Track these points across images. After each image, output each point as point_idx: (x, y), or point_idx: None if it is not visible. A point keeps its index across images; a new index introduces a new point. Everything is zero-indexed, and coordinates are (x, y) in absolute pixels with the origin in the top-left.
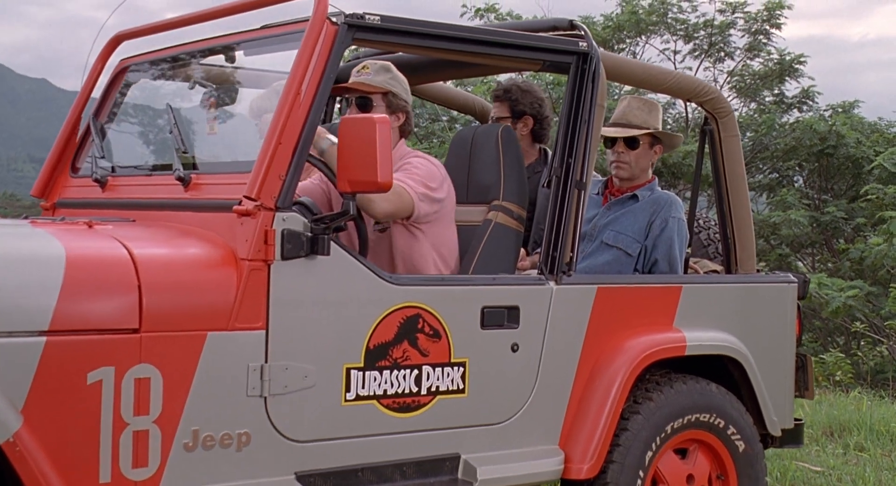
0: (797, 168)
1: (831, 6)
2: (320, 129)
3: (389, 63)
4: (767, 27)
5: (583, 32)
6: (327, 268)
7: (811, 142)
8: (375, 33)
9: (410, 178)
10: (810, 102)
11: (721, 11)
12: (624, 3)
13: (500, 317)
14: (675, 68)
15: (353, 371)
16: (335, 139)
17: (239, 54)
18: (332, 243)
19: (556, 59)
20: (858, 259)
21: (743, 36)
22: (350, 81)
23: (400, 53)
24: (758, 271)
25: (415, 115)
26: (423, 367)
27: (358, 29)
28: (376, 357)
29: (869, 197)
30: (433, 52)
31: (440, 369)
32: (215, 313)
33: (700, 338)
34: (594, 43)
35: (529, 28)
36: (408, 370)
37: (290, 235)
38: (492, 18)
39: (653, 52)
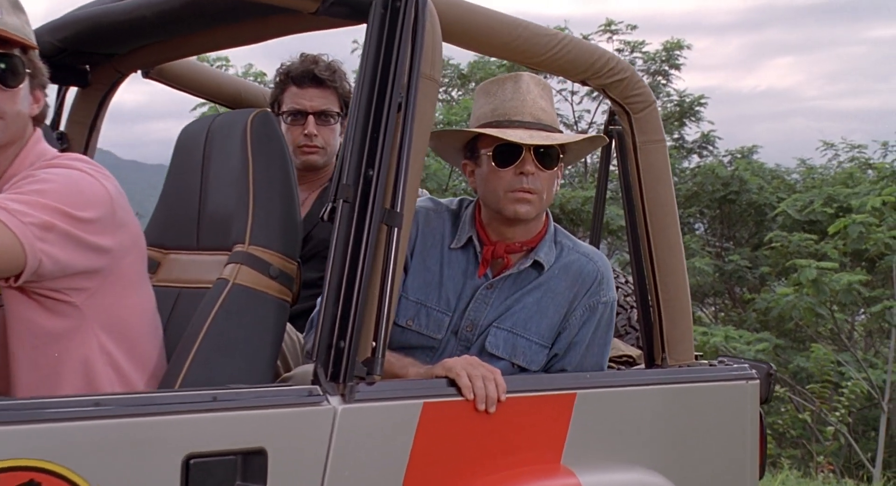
0: (699, 215)
1: (724, 59)
2: None
3: None
4: (666, 68)
5: None
6: None
7: (714, 187)
8: None
9: (21, 199)
10: (710, 147)
11: (619, 51)
12: None
13: (224, 473)
14: (573, 111)
15: None
16: None
17: None
18: None
19: None
20: (764, 310)
21: (642, 76)
22: None
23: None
24: (697, 358)
25: None
26: None
27: None
28: None
29: (773, 245)
30: None
31: None
32: None
33: (605, 484)
34: None
35: None
36: None
37: None
38: None
39: None
